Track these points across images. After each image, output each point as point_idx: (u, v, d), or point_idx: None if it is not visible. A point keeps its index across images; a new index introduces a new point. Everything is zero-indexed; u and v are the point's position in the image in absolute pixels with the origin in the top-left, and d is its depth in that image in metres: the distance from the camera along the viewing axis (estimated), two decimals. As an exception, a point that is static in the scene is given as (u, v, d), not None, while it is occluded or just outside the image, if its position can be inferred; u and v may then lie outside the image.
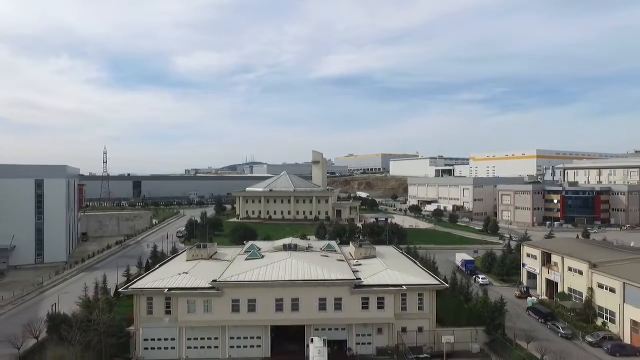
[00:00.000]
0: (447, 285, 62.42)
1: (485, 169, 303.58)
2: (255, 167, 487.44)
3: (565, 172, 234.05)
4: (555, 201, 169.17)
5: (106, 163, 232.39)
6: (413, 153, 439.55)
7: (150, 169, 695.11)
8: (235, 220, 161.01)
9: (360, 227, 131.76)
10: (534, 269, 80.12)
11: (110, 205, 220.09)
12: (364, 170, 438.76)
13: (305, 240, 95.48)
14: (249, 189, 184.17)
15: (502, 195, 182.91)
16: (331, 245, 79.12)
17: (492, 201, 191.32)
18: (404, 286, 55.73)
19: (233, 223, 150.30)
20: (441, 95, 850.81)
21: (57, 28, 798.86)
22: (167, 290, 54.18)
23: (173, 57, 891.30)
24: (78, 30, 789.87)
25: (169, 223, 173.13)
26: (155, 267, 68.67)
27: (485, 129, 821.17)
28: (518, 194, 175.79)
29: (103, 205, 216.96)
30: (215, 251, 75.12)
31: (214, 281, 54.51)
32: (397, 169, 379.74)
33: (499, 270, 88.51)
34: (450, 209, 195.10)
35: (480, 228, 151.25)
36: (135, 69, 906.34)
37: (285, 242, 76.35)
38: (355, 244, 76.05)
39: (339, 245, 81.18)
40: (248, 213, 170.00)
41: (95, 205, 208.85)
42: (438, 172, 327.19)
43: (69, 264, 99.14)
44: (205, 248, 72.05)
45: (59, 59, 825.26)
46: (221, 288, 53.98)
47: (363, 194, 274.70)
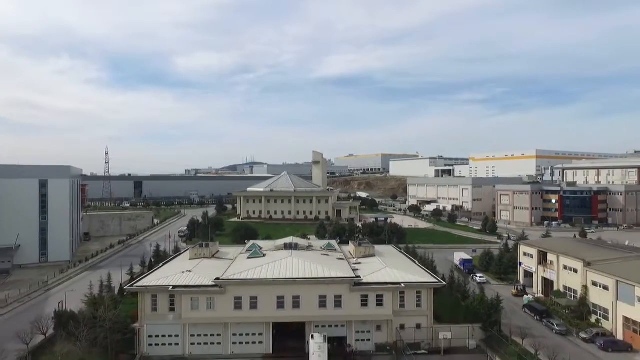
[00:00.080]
0: (445, 283, 63.54)
1: (485, 169, 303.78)
2: (255, 167, 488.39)
3: (564, 172, 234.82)
4: (553, 201, 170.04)
5: (108, 163, 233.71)
6: (413, 153, 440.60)
7: (151, 169, 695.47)
8: (236, 220, 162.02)
9: (360, 227, 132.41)
10: (530, 268, 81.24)
11: (112, 205, 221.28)
12: (364, 170, 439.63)
13: (306, 239, 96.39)
14: (250, 189, 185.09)
15: (501, 195, 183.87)
16: (331, 244, 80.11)
17: (491, 201, 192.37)
18: (402, 284, 56.74)
19: (234, 223, 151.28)
20: (441, 95, 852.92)
21: (57, 28, 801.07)
22: (171, 287, 55.23)
23: (173, 57, 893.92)
24: (78, 30, 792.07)
25: (170, 223, 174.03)
26: (159, 266, 69.52)
27: (485, 129, 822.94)
28: (516, 194, 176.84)
29: (104, 205, 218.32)
30: (217, 250, 76.19)
31: (217, 279, 55.63)
32: (397, 169, 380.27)
33: (496, 269, 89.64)
34: (450, 208, 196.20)
35: (478, 228, 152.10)
36: (135, 69, 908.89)
37: (286, 241, 77.27)
38: (354, 243, 76.99)
39: (338, 245, 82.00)
40: (249, 213, 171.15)
41: (97, 205, 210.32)
42: (438, 172, 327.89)
43: (73, 263, 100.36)
44: (208, 247, 73.02)
45: (59, 59, 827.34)
46: (224, 286, 55.06)
47: (363, 194, 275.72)
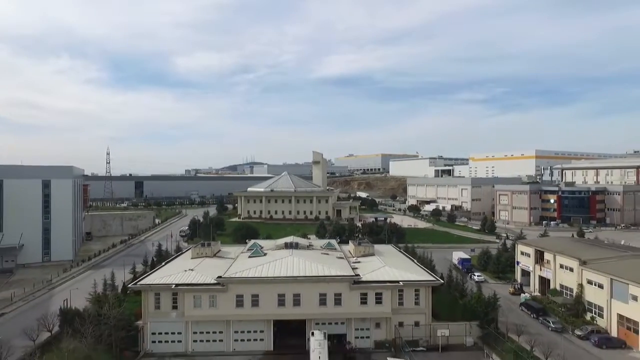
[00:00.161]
0: (442, 281, 64.57)
1: (485, 169, 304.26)
2: (256, 167, 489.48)
3: (563, 172, 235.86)
4: (552, 201, 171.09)
5: (109, 164, 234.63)
6: (413, 153, 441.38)
7: (151, 169, 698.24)
8: (237, 220, 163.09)
9: (360, 227, 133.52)
10: (527, 267, 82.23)
11: (113, 205, 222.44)
12: (364, 170, 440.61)
13: (306, 239, 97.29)
14: (250, 189, 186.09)
15: (500, 195, 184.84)
16: (331, 243, 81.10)
17: (490, 201, 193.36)
18: (400, 282, 57.76)
19: (235, 222, 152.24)
20: (441, 95, 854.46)
21: (57, 28, 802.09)
22: (174, 286, 56.30)
23: (173, 57, 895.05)
24: (78, 30, 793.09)
25: (171, 222, 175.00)
26: (161, 265, 70.50)
27: (485, 129, 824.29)
28: (515, 194, 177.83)
29: (106, 205, 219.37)
30: (218, 249, 77.23)
31: (219, 277, 56.64)
32: (397, 169, 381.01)
33: (494, 268, 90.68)
34: (449, 208, 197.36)
35: (477, 227, 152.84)
36: (135, 69, 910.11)
37: (287, 241, 78.16)
38: (354, 242, 77.83)
39: (338, 244, 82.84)
40: (249, 212, 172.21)
41: (98, 205, 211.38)
42: (437, 172, 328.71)
43: (76, 262, 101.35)
44: (209, 246, 74.03)
45: (59, 59, 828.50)
46: (226, 284, 56.13)
47: (363, 193, 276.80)
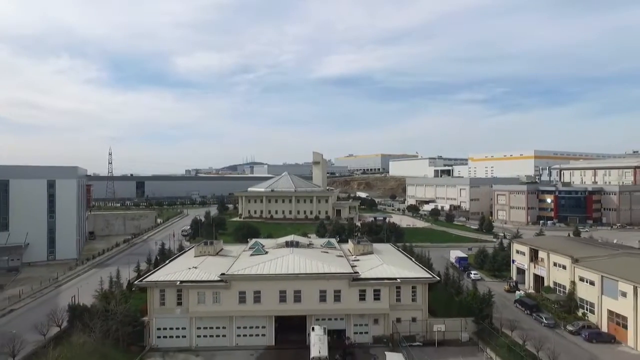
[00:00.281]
0: (438, 278, 66.51)
1: (484, 169, 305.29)
2: (256, 167, 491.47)
3: (561, 173, 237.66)
4: (549, 201, 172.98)
5: (111, 164, 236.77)
6: (412, 153, 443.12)
7: (151, 169, 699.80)
8: (238, 220, 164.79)
9: (359, 226, 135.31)
10: (522, 265, 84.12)
11: (115, 205, 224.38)
12: (364, 170, 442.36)
13: (306, 238, 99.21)
14: (251, 189, 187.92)
15: (498, 195, 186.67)
16: (331, 242, 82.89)
17: (488, 201, 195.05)
18: (398, 279, 59.54)
19: (236, 222, 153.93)
20: (441, 95, 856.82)
21: (57, 28, 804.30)
22: (179, 282, 58.07)
23: (173, 57, 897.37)
24: (78, 30, 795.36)
25: (173, 222, 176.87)
26: (166, 263, 72.22)
27: (485, 129, 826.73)
28: (513, 194, 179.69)
29: (108, 204, 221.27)
30: (221, 248, 78.96)
31: (222, 274, 58.46)
32: (397, 169, 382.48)
33: (490, 266, 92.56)
34: (448, 208, 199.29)
35: (475, 227, 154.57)
36: (135, 69, 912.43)
37: (287, 239, 79.70)
38: (353, 241, 79.33)
39: (338, 243, 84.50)
40: (250, 212, 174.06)
41: (100, 205, 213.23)
42: (437, 172, 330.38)
43: (80, 261, 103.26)
44: (212, 245, 75.70)
45: (59, 59, 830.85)
46: (229, 281, 57.93)
47: (362, 193, 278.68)
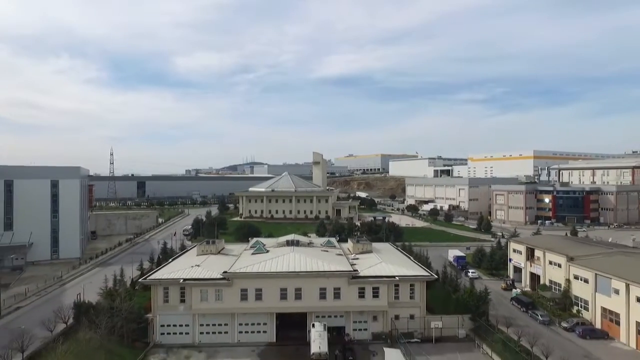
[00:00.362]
0: (436, 276, 67.70)
1: (483, 169, 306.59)
2: (256, 167, 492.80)
3: (560, 173, 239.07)
4: (547, 200, 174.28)
5: (112, 164, 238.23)
6: (412, 153, 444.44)
7: (151, 168, 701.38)
8: (238, 219, 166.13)
9: (359, 225, 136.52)
10: (519, 263, 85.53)
11: (116, 204, 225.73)
12: (364, 170, 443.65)
13: (306, 237, 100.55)
14: (252, 189, 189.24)
15: (496, 195, 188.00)
16: (331, 241, 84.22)
17: (487, 201, 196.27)
18: (396, 277, 60.85)
19: (236, 222, 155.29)
20: (441, 95, 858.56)
21: (57, 28, 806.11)
22: (182, 280, 59.39)
23: (173, 57, 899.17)
24: (78, 30, 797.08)
25: (174, 222, 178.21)
26: (168, 261, 73.54)
27: (484, 129, 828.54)
28: (511, 194, 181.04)
29: (109, 204, 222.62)
30: (222, 247, 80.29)
31: (225, 272, 59.85)
32: (396, 169, 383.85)
33: (488, 265, 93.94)
34: (447, 208, 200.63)
35: (474, 226, 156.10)
36: (135, 69, 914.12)
37: (288, 238, 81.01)
38: (353, 240, 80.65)
39: (338, 242, 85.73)
40: (251, 212, 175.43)
41: (102, 204, 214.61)
42: (436, 173, 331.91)
43: (84, 260, 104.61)
44: (214, 244, 76.97)
45: (59, 59, 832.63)
46: (231, 278, 59.27)
47: (362, 193, 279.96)
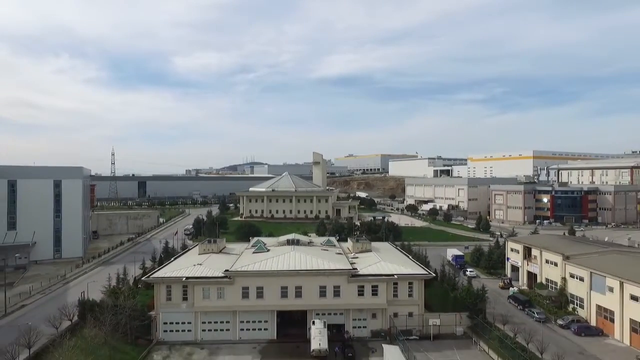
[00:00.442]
0: (434, 274, 68.88)
1: (483, 169, 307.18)
2: (256, 167, 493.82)
3: (559, 173, 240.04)
4: (545, 200, 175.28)
5: (114, 164, 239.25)
6: (412, 153, 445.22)
7: (151, 168, 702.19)
8: (239, 219, 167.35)
9: (358, 225, 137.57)
10: (516, 262, 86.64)
11: (117, 204, 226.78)
12: (363, 170, 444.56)
13: (307, 236, 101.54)
14: (252, 189, 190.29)
15: (495, 195, 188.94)
16: (330, 240, 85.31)
17: (486, 200, 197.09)
18: (395, 275, 61.97)
19: (237, 221, 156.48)
20: (441, 95, 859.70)
21: (57, 28, 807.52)
22: (184, 279, 60.47)
23: (173, 57, 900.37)
24: (78, 30, 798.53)
25: (175, 222, 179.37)
26: (171, 260, 74.61)
27: (484, 129, 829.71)
28: (510, 194, 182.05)
29: (111, 204, 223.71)
30: (224, 246, 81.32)
31: (227, 270, 60.97)
32: (396, 169, 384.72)
33: (486, 264, 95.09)
34: (446, 208, 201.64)
35: (473, 226, 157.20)
36: (135, 68, 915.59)
37: (288, 238, 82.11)
38: (352, 240, 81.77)
39: (337, 241, 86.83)
40: (251, 212, 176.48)
41: (103, 204, 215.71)
42: (436, 173, 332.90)
43: (86, 259, 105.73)
44: (215, 243, 78.13)
45: (59, 59, 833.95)
46: (233, 277, 60.37)
47: (362, 193, 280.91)
